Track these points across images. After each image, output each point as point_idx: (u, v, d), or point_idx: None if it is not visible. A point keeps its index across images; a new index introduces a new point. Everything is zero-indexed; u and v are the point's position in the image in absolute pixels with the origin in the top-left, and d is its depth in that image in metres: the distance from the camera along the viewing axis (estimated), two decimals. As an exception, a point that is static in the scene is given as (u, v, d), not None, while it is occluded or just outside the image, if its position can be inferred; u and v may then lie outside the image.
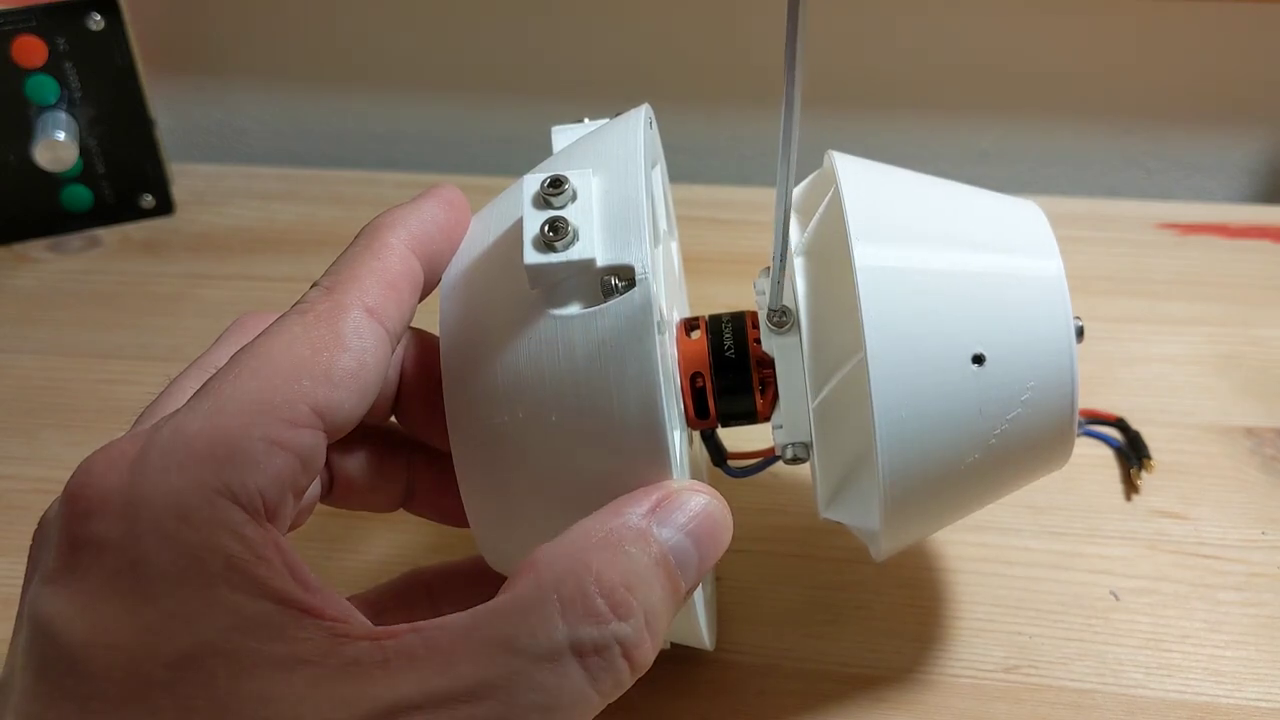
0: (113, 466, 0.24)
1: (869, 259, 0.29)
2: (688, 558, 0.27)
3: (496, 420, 0.28)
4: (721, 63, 0.59)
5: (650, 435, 0.27)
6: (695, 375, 0.32)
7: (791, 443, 0.32)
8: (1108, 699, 0.35)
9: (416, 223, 0.29)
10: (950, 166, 0.38)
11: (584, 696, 0.24)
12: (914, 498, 0.30)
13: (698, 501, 0.27)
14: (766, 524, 0.41)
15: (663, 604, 0.26)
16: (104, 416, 0.47)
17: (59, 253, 0.56)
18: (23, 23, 0.52)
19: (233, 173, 0.60)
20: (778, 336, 0.31)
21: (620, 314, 0.27)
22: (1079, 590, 0.38)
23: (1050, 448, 0.31)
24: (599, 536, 0.26)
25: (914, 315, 0.29)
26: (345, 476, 0.32)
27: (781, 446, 0.32)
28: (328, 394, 0.26)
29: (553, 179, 0.28)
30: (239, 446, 0.24)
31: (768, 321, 0.31)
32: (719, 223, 0.55)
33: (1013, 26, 0.56)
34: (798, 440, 0.31)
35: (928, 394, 0.29)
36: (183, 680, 0.22)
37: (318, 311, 0.27)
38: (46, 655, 0.23)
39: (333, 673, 0.23)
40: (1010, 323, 0.30)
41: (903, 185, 0.32)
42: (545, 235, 0.27)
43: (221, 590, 0.23)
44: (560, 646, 0.24)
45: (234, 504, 0.24)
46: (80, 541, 0.23)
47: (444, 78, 0.61)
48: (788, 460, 0.32)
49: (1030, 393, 0.30)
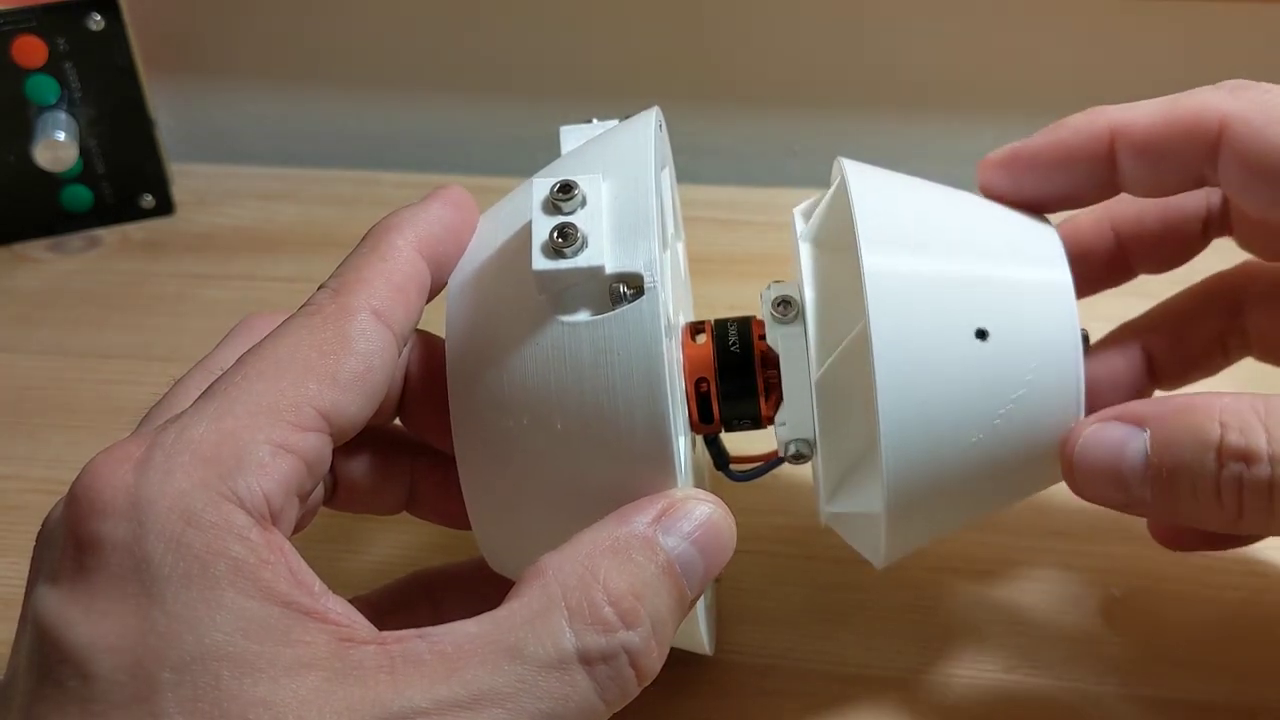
0: (118, 468, 0.24)
1: (878, 265, 0.29)
2: (693, 566, 0.27)
3: (501, 425, 0.28)
4: (722, 63, 0.59)
5: (656, 444, 0.27)
6: (700, 380, 0.32)
7: (795, 439, 0.32)
8: (1107, 699, 0.35)
9: (424, 225, 0.29)
10: (950, 167, 0.38)
11: (590, 705, 0.24)
12: (917, 487, 0.30)
13: (703, 510, 0.27)
14: (767, 525, 0.41)
15: (669, 612, 0.26)
16: (104, 416, 0.47)
17: (59, 253, 0.56)
18: (23, 23, 0.52)
19: (233, 173, 0.60)
20: (782, 326, 0.31)
21: (628, 322, 0.27)
22: (1079, 590, 0.38)
23: (1055, 456, 0.31)
24: (606, 544, 0.26)
25: (921, 320, 0.29)
26: (348, 479, 0.32)
27: (784, 443, 0.32)
28: (334, 397, 0.26)
29: (563, 184, 0.28)
30: (244, 450, 0.24)
31: (772, 311, 0.31)
32: (720, 223, 0.54)
33: (1013, 27, 0.56)
34: (800, 437, 0.31)
35: (932, 391, 0.29)
36: (187, 683, 0.22)
37: (324, 314, 0.27)
38: (50, 657, 0.23)
39: (338, 677, 0.23)
40: (1017, 331, 0.30)
41: (912, 193, 0.32)
42: (554, 241, 0.27)
43: (226, 593, 0.23)
44: (568, 655, 0.24)
45: (239, 507, 0.24)
46: (85, 543, 0.23)
47: (445, 78, 0.61)
48: (790, 458, 0.32)
49: (1031, 391, 0.30)
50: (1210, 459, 0.28)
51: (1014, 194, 0.33)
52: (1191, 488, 0.29)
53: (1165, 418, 0.30)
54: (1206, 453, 0.29)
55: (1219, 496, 0.29)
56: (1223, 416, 0.29)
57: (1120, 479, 0.30)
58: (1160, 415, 0.30)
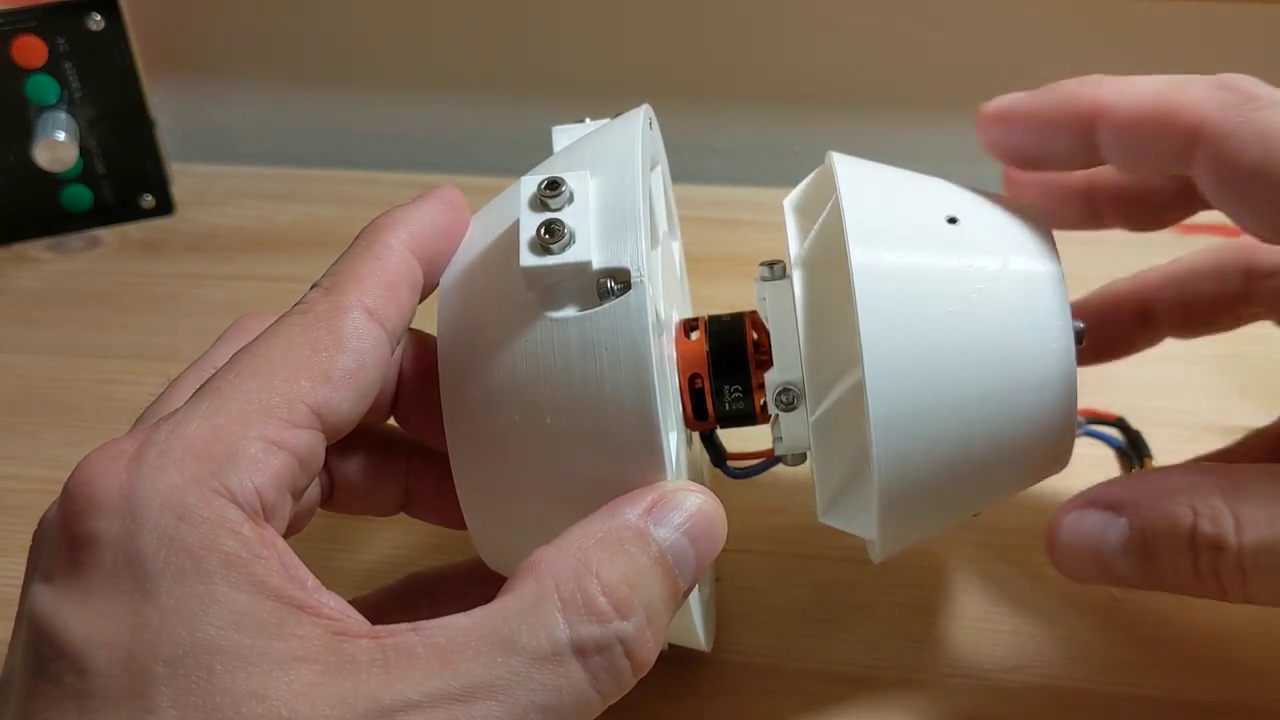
0: (111, 465, 0.24)
1: (866, 261, 0.29)
2: (685, 557, 0.27)
3: (493, 423, 0.28)
4: (722, 62, 0.59)
5: (645, 438, 0.27)
6: (694, 376, 0.32)
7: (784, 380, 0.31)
8: (1107, 699, 0.35)
9: (416, 224, 0.29)
10: (950, 167, 0.38)
11: (585, 697, 0.24)
12: (911, 498, 0.30)
13: (693, 501, 0.27)
14: (767, 524, 0.41)
15: (663, 603, 0.26)
16: (104, 416, 0.47)
17: (59, 253, 0.56)
18: (23, 23, 0.52)
19: (233, 173, 0.60)
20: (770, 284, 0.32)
21: (615, 316, 0.27)
22: (1079, 590, 0.38)
23: (1049, 448, 0.31)
24: (598, 536, 0.26)
25: (912, 323, 0.29)
26: (344, 480, 0.32)
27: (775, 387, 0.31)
28: (327, 394, 0.26)
29: (549, 181, 0.28)
30: (237, 446, 0.24)
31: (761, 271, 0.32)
32: (719, 223, 0.54)
33: (1014, 27, 0.56)
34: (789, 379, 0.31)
35: (925, 405, 0.29)
36: (181, 677, 0.22)
37: (317, 312, 0.27)
38: (45, 653, 0.23)
39: (331, 670, 0.23)
40: (1009, 325, 0.30)
41: (902, 187, 0.32)
42: (541, 237, 0.27)
43: (219, 587, 0.23)
44: (561, 646, 0.24)
45: (231, 503, 0.24)
46: (79, 539, 0.24)
47: (445, 78, 0.61)
48: (788, 458, 0.32)
49: (1030, 393, 0.30)
50: (1186, 548, 0.30)
51: (1004, 146, 0.34)
52: (1173, 570, 0.30)
53: (1140, 507, 0.31)
54: (1181, 542, 0.30)
55: (1199, 578, 0.30)
56: (1194, 502, 0.30)
57: (1103, 563, 0.31)
58: (1134, 503, 0.31)
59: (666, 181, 0.37)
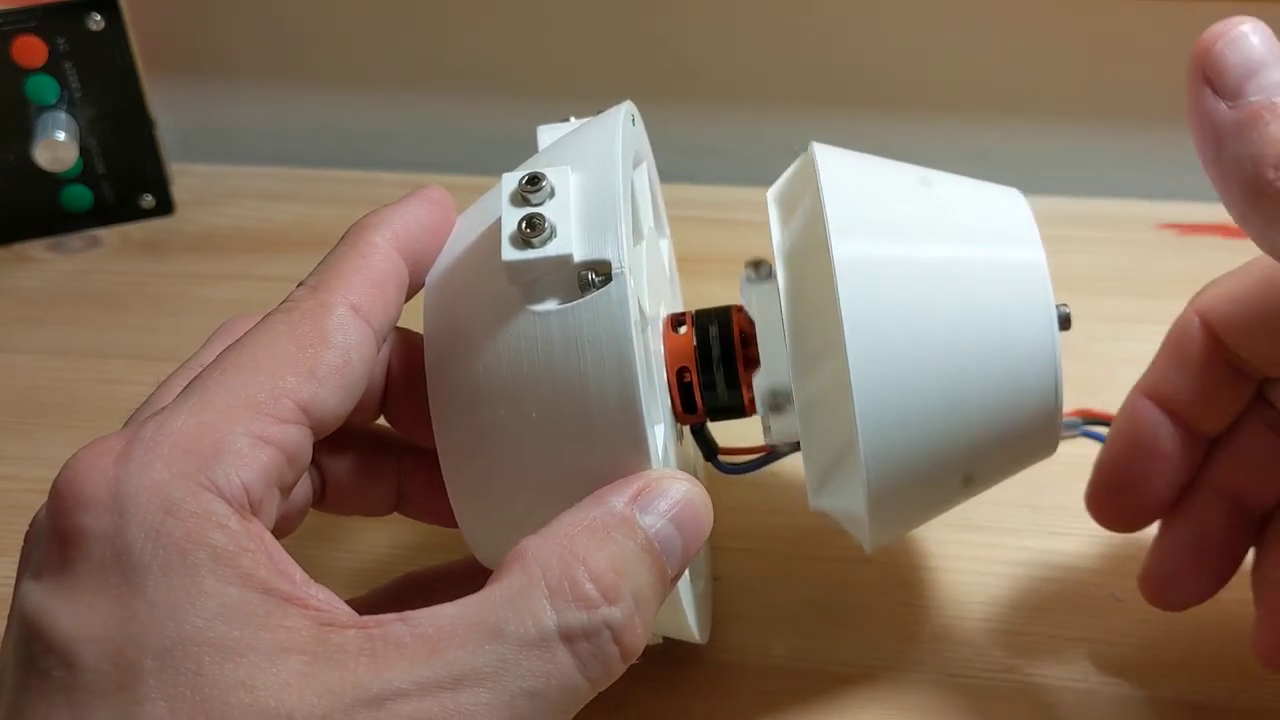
0: (98, 462, 0.24)
1: (848, 253, 0.29)
2: (672, 543, 0.27)
3: (479, 418, 0.28)
4: (720, 62, 0.59)
5: (629, 428, 0.27)
6: (682, 370, 0.32)
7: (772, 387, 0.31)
8: (1108, 699, 0.35)
9: (401, 222, 0.30)
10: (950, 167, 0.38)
11: (573, 683, 0.24)
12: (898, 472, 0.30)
13: (678, 488, 0.27)
14: (765, 523, 0.41)
15: (651, 589, 0.26)
16: (104, 416, 0.46)
17: (59, 253, 0.56)
18: (23, 23, 0.52)
19: (233, 173, 0.60)
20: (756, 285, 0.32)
21: (597, 308, 0.27)
22: (1079, 590, 0.38)
23: (1035, 435, 0.31)
24: (584, 524, 0.26)
25: (894, 309, 0.29)
26: (336, 480, 0.32)
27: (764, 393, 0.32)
28: (312, 390, 0.26)
29: (530, 176, 0.28)
30: (223, 441, 0.25)
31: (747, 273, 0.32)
32: (717, 222, 0.54)
33: (1013, 26, 0.56)
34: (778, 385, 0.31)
35: (909, 378, 0.29)
36: (169, 669, 0.22)
37: (302, 309, 0.27)
38: (34, 649, 0.23)
39: (319, 660, 0.23)
40: (992, 311, 0.30)
41: (883, 176, 0.32)
42: (522, 232, 0.28)
43: (207, 580, 0.23)
44: (549, 632, 0.24)
45: (218, 497, 0.24)
46: (67, 535, 0.24)
47: (445, 78, 0.61)
48: (782, 449, 0.32)
49: (1013, 378, 0.30)
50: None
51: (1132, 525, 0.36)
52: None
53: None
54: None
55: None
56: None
57: None
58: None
59: (654, 179, 0.37)
